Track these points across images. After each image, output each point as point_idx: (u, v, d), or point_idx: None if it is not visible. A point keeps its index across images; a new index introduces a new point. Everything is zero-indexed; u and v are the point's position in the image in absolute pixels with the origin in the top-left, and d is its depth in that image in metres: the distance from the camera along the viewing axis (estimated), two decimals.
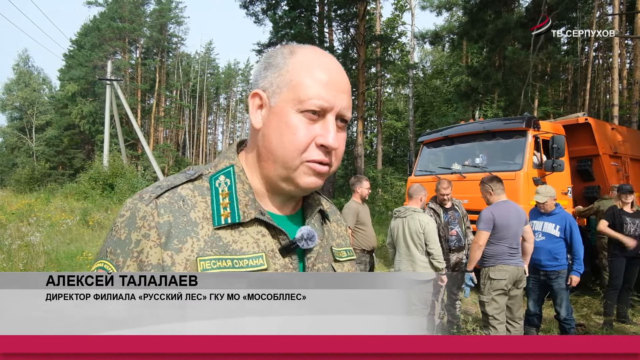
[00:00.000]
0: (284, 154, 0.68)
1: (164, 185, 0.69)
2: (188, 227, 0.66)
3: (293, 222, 0.77)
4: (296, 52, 0.71)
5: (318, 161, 0.68)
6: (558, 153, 5.63)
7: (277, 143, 0.69)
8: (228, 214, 0.69)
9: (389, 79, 30.32)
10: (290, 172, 0.69)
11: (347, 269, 0.83)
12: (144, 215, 0.65)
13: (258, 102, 0.72)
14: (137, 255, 0.64)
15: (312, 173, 0.69)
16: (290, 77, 0.69)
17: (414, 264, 3.85)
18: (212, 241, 0.66)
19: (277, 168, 0.70)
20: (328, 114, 0.68)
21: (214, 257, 0.65)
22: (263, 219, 0.70)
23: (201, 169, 0.75)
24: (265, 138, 0.71)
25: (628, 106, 16.99)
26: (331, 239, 0.84)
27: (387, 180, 21.15)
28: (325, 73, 0.69)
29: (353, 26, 20.32)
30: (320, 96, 0.67)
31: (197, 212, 0.68)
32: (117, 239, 0.66)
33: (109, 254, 0.66)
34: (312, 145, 0.68)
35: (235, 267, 0.66)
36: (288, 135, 0.67)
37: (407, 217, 3.96)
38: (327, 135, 0.67)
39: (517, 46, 13.77)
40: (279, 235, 0.72)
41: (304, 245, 0.71)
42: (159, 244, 0.64)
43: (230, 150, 0.77)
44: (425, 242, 3.84)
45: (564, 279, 3.96)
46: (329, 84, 0.68)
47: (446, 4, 21.01)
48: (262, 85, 0.72)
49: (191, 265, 0.64)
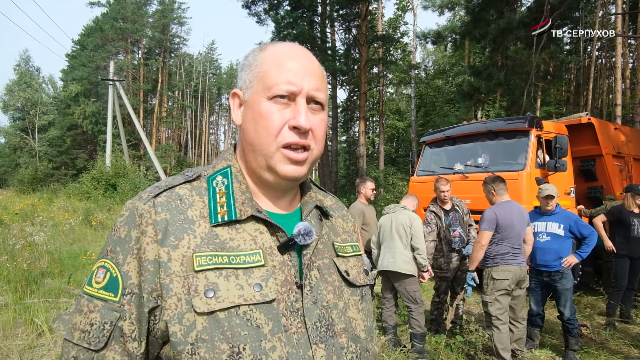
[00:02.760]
0: (260, 141, 0.70)
1: (162, 186, 0.71)
2: (185, 224, 0.67)
3: (291, 220, 0.77)
4: (266, 48, 0.75)
5: (293, 143, 0.69)
6: (561, 153, 5.61)
7: (253, 132, 0.71)
8: (225, 211, 0.70)
9: (391, 79, 30.28)
10: (268, 159, 0.70)
11: (352, 264, 0.82)
12: (142, 213, 0.66)
13: (238, 101, 0.76)
14: (136, 252, 0.65)
15: (289, 161, 0.70)
16: (259, 70, 0.72)
17: (395, 255, 3.89)
18: (209, 238, 0.67)
19: (257, 157, 0.72)
20: (298, 97, 0.70)
21: (210, 254, 0.65)
22: (260, 216, 0.71)
23: (200, 171, 0.76)
24: (244, 132, 0.74)
25: (631, 106, 16.93)
26: (334, 234, 0.84)
27: (389, 180, 21.11)
28: (291, 60, 0.71)
29: (355, 26, 20.31)
30: (287, 80, 0.69)
31: (194, 210, 0.69)
32: (116, 237, 0.67)
33: (109, 252, 0.67)
34: (285, 128, 0.69)
35: (232, 263, 0.66)
36: (261, 122, 0.70)
37: (395, 213, 4.04)
38: (298, 117, 0.69)
39: (520, 46, 13.72)
40: (277, 232, 0.72)
41: (301, 240, 0.71)
42: (155, 240, 0.65)
43: (228, 152, 0.79)
44: (411, 236, 3.87)
45: (568, 279, 3.94)
46: (295, 68, 0.70)
47: (448, 4, 20.95)
48: (239, 85, 0.76)
49: (187, 261, 0.64)
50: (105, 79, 24.92)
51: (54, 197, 18.55)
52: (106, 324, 0.63)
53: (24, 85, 43.38)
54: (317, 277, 0.73)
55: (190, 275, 0.63)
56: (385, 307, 4.12)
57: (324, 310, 0.71)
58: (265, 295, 0.66)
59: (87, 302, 0.66)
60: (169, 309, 0.62)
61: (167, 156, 40.35)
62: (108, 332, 0.63)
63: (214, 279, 0.64)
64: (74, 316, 0.66)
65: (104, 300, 0.65)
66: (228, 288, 0.64)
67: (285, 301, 0.68)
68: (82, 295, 0.68)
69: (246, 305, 0.64)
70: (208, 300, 0.62)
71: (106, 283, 0.65)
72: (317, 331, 0.69)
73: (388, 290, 4.14)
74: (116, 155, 22.07)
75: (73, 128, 39.71)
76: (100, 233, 9.63)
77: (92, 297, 0.66)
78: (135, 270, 0.65)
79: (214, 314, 0.62)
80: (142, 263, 0.64)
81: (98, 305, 0.65)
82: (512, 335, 3.75)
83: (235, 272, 0.66)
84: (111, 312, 0.64)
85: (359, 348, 0.74)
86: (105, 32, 37.99)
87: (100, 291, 0.65)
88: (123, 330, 0.63)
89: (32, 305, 4.30)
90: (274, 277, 0.68)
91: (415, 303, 3.88)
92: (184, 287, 0.63)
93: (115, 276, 0.65)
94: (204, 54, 54.72)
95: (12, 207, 12.54)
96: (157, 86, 42.62)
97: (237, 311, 0.63)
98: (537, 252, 4.06)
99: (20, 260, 5.51)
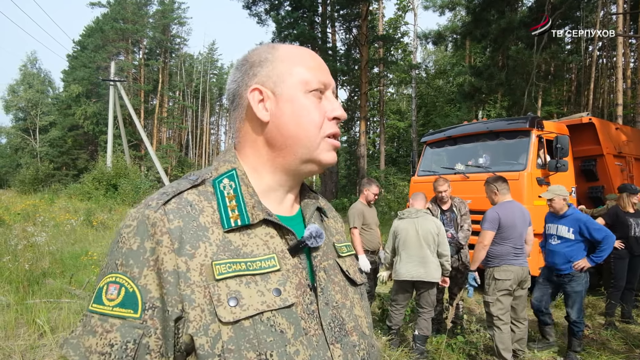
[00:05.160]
0: (307, 134, 0.72)
1: (170, 192, 0.68)
2: (199, 232, 0.65)
3: (295, 223, 0.77)
4: (278, 47, 0.76)
5: (333, 134, 0.74)
6: (562, 153, 5.60)
7: (296, 126, 0.72)
8: (237, 216, 0.68)
9: (391, 79, 30.30)
10: (312, 151, 0.73)
11: (349, 264, 0.83)
12: (154, 222, 0.63)
13: (258, 96, 0.73)
14: (153, 264, 0.61)
15: (331, 148, 0.75)
16: (286, 65, 0.73)
17: (427, 265, 3.77)
18: (224, 245, 0.66)
19: (299, 151, 0.73)
20: (327, 90, 0.75)
21: (229, 261, 0.64)
22: (271, 220, 0.70)
23: (202, 174, 0.73)
24: (280, 127, 0.72)
25: (632, 105, 16.91)
26: (331, 235, 0.85)
27: (389, 181, 21.13)
28: (310, 58, 0.76)
29: (356, 26, 20.32)
30: (318, 75, 0.74)
31: (206, 216, 0.67)
32: (127, 249, 0.62)
33: (119, 266, 0.62)
34: (325, 120, 0.73)
35: (249, 269, 0.65)
36: (305, 116, 0.72)
37: (419, 219, 3.88)
38: (338, 108, 0.75)
39: (521, 46, 13.71)
40: (287, 235, 0.72)
41: (313, 243, 0.71)
42: (172, 249, 0.62)
43: (230, 154, 0.76)
44: (438, 243, 3.82)
45: (578, 282, 3.85)
46: (317, 65, 0.75)
47: (449, 4, 20.93)
48: (256, 81, 0.73)
49: (207, 270, 0.62)
50: (106, 80, 24.96)
51: (55, 197, 18.56)
52: (129, 342, 0.59)
53: (27, 86, 43.46)
54: (325, 279, 0.74)
55: (211, 284, 0.61)
56: (396, 310, 4.02)
57: (335, 311, 0.72)
58: (285, 299, 0.65)
59: (101, 321, 0.60)
60: (193, 321, 0.60)
61: (168, 156, 40.39)
62: (132, 352, 0.58)
63: (235, 287, 0.62)
64: (84, 339, 0.60)
65: (122, 317, 0.60)
66: (250, 295, 0.63)
67: (302, 304, 0.68)
68: (91, 315, 0.61)
69: (269, 312, 0.63)
70: (232, 309, 0.61)
71: (122, 299, 0.60)
72: (332, 331, 0.69)
73: (403, 296, 3.99)
74: (117, 156, 22.09)
75: (74, 128, 39.76)
76: (102, 233, 9.64)
77: (105, 315, 0.60)
78: (154, 283, 0.61)
79: (239, 323, 0.61)
80: (161, 275, 0.61)
81: (116, 323, 0.59)
82: (513, 335, 3.75)
83: (254, 279, 0.65)
84: (133, 330, 0.59)
85: (367, 344, 0.76)
86: (106, 33, 38.04)
87: (115, 309, 0.60)
88: (150, 347, 0.59)
89: (33, 305, 4.31)
90: (289, 280, 0.68)
91: (431, 307, 3.87)
92: (205, 297, 0.61)
93: (133, 291, 0.61)
94: (205, 54, 54.82)
95: (14, 208, 12.55)
96: (158, 86, 42.66)
97: (261, 318, 0.62)
98: (548, 254, 4.05)
99: (22, 260, 5.52)
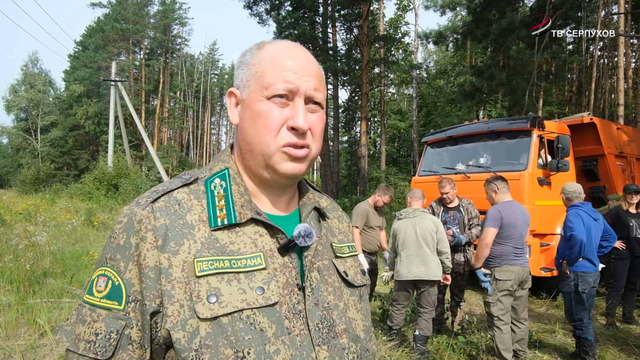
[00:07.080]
0: (260, 140, 0.69)
1: (160, 190, 0.70)
2: (184, 229, 0.66)
3: (290, 222, 0.77)
4: (264, 46, 0.74)
5: (292, 144, 0.69)
6: (563, 153, 5.60)
7: (252, 131, 0.70)
8: (224, 215, 0.69)
9: (392, 79, 30.28)
10: (268, 159, 0.70)
11: (349, 265, 0.82)
12: (140, 219, 0.65)
13: (234, 100, 0.75)
14: (137, 259, 0.64)
15: (288, 158, 0.69)
16: (257, 68, 0.71)
17: (427, 264, 3.79)
18: (209, 243, 0.66)
19: (256, 156, 0.71)
20: (296, 97, 0.69)
21: (211, 258, 0.65)
22: (259, 219, 0.70)
23: (197, 173, 0.75)
24: (242, 131, 0.73)
25: (633, 105, 16.89)
26: (331, 235, 0.83)
27: (390, 181, 21.14)
28: (288, 59, 0.70)
29: (356, 26, 20.32)
30: (285, 80, 0.68)
31: (194, 214, 0.68)
32: (116, 244, 0.66)
33: (109, 260, 0.66)
34: (283, 128, 0.69)
35: (233, 267, 0.65)
36: (260, 121, 0.69)
37: (416, 218, 3.90)
38: (296, 118, 0.68)
39: (522, 46, 13.68)
40: (277, 234, 0.71)
41: (302, 242, 0.70)
42: (155, 246, 0.64)
43: (225, 154, 0.78)
44: (437, 241, 3.83)
45: (565, 283, 3.84)
46: (293, 67, 0.69)
47: (450, 4, 20.90)
48: (236, 83, 0.75)
49: (188, 267, 0.63)
50: (107, 80, 25.00)
51: (56, 197, 18.59)
52: (112, 332, 0.62)
53: (28, 86, 43.52)
54: (318, 279, 0.73)
55: (191, 280, 0.63)
56: (397, 310, 4.02)
57: (325, 312, 0.71)
58: (268, 298, 0.65)
59: (90, 311, 0.64)
60: (171, 315, 0.61)
61: (168, 156, 40.41)
62: (115, 341, 0.62)
63: (216, 284, 0.63)
64: (76, 326, 0.65)
65: (107, 309, 0.64)
66: (230, 292, 0.63)
67: (287, 303, 0.67)
68: (83, 305, 0.66)
69: (249, 309, 0.64)
70: (211, 305, 0.62)
71: (109, 291, 0.64)
72: (319, 333, 0.68)
73: (404, 296, 3.98)
74: (118, 156, 22.16)
75: (75, 129, 39.81)
76: (103, 233, 9.65)
77: (94, 306, 0.64)
78: (137, 277, 0.64)
79: (217, 320, 0.62)
80: (142, 270, 0.63)
81: (102, 314, 0.63)
82: (514, 335, 3.74)
83: (237, 276, 0.65)
84: (116, 321, 0.63)
85: (359, 348, 0.74)
86: (107, 33, 38.07)
87: (103, 300, 0.64)
88: (131, 338, 0.63)
89: (34, 305, 4.31)
90: (275, 279, 0.68)
91: (432, 306, 3.87)
92: (185, 293, 0.62)
93: (118, 284, 0.64)
94: (206, 54, 54.86)
95: (15, 208, 12.57)
96: (159, 87, 42.67)
97: (241, 315, 0.63)
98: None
99: (23, 260, 5.52)
